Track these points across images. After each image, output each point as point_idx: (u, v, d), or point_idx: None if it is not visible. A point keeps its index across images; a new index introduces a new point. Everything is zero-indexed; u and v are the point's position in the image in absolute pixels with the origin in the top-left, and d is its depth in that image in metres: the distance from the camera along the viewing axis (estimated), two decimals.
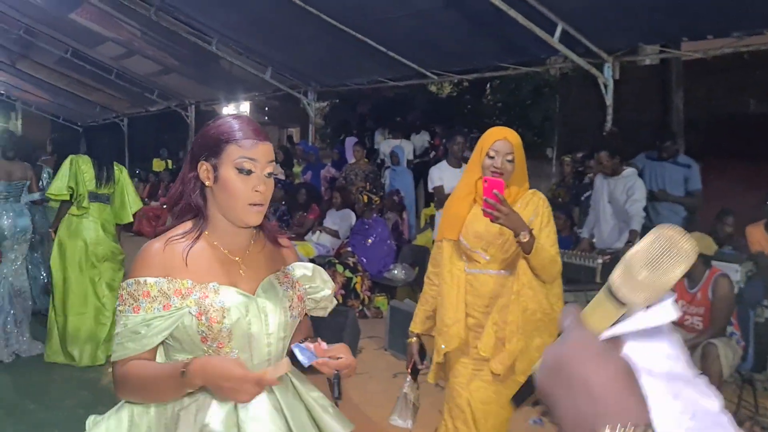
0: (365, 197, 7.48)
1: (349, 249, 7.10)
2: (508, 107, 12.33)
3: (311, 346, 1.65)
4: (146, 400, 1.59)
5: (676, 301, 2.39)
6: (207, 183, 1.60)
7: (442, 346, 2.66)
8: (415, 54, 7.72)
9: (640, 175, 5.59)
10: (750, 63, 8.83)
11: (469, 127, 10.73)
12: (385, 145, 11.02)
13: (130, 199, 5.29)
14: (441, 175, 6.03)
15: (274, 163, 1.63)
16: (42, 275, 6.44)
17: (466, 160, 6.25)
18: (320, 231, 8.07)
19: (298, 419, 1.64)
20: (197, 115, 13.96)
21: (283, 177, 9.84)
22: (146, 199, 13.38)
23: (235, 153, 1.56)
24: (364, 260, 7.00)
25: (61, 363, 5.09)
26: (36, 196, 5.97)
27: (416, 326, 2.88)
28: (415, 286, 7.06)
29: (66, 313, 5.08)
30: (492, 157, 2.55)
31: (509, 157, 2.55)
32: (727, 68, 8.93)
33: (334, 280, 6.85)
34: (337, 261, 6.83)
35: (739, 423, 4.16)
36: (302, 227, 8.53)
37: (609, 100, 6.18)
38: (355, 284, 6.70)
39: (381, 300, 7.02)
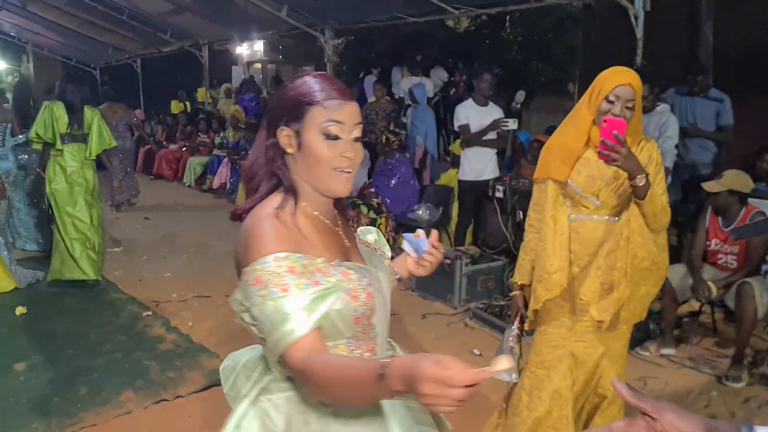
0: (384, 137, 7.39)
1: (373, 190, 7.06)
2: (528, 41, 12.01)
3: (420, 233, 1.67)
4: (328, 399, 1.36)
5: (710, 239, 2.48)
6: (289, 150, 1.46)
7: (542, 295, 2.56)
8: None
9: (672, 110, 5.47)
10: None
11: (488, 63, 10.52)
12: (405, 82, 10.84)
13: (93, 141, 5.83)
14: (467, 113, 5.94)
15: (360, 125, 1.49)
16: (33, 214, 6.82)
17: (492, 98, 6.15)
18: None
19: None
20: (211, 55, 13.75)
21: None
22: (164, 142, 13.34)
23: (319, 116, 1.42)
24: (388, 201, 6.97)
25: (66, 280, 5.73)
26: (21, 138, 6.44)
27: (522, 277, 2.76)
28: (439, 226, 7.05)
29: (67, 235, 5.70)
30: (611, 102, 2.39)
31: (630, 104, 2.39)
32: None
33: (358, 221, 6.87)
34: (361, 202, 6.81)
35: None
36: None
37: (639, 32, 5.98)
38: (379, 225, 6.68)
39: None
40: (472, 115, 5.90)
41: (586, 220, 2.53)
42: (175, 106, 15.43)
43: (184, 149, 12.55)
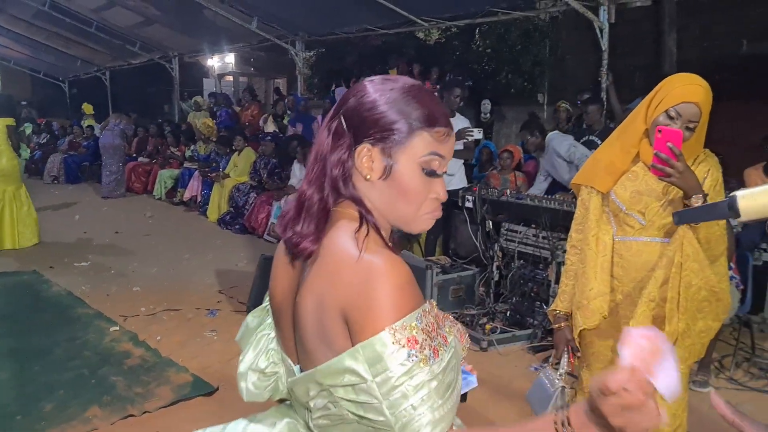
0: None
1: None
2: (497, 53, 12.12)
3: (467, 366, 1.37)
4: None
5: None
6: (368, 176, 1.14)
7: (580, 323, 2.31)
8: (404, 0, 7.56)
9: None
10: (744, 2, 8.72)
11: (459, 74, 10.61)
12: None
13: None
14: None
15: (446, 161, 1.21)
16: None
17: (461, 111, 6.22)
18: (287, 195, 8.09)
19: None
20: (182, 67, 13.70)
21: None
22: (134, 155, 13.21)
23: (425, 146, 1.14)
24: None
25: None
26: None
27: (564, 304, 2.45)
28: (411, 238, 7.06)
29: None
30: (672, 118, 2.09)
31: (692, 125, 2.10)
32: (720, 8, 8.81)
33: None
34: None
35: (737, 364, 4.25)
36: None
37: (605, 44, 6.11)
38: None
39: None
40: None
41: (631, 241, 2.27)
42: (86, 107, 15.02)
43: (154, 162, 12.44)
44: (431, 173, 1.15)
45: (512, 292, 5.20)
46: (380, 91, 1.15)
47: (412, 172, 1.14)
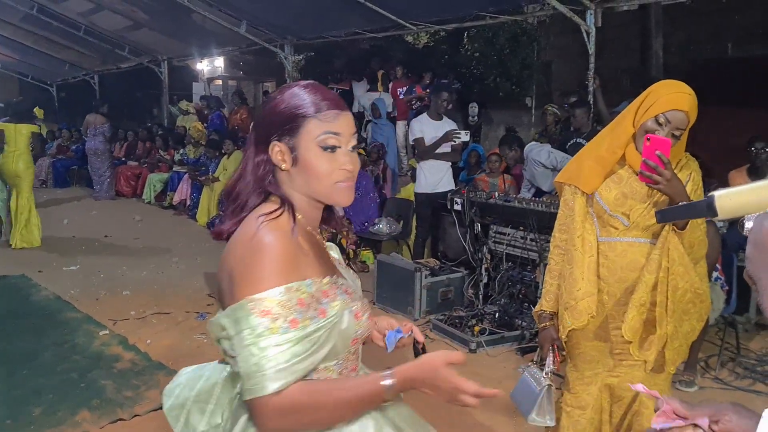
0: None
1: None
2: (485, 56, 12.21)
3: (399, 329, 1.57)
4: (317, 428, 1.34)
5: None
6: (283, 166, 1.38)
7: (568, 323, 2.32)
8: (393, 4, 7.60)
9: None
10: (728, 6, 8.82)
11: (447, 78, 10.66)
12: (365, 98, 10.92)
13: None
14: (422, 127, 6.07)
15: (356, 134, 1.44)
16: None
17: (449, 114, 6.27)
18: None
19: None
20: (171, 70, 13.67)
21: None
22: (123, 158, 13.17)
23: (316, 129, 1.35)
24: (351, 213, 7.01)
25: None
26: None
27: (549, 304, 2.46)
28: (400, 240, 7.10)
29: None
30: (660, 124, 2.12)
31: (678, 133, 2.13)
32: (706, 12, 8.91)
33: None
34: None
35: (722, 364, 4.31)
36: None
37: (591, 48, 6.16)
38: (340, 239, 6.71)
39: (366, 254, 7.06)
40: (427, 129, 6.02)
41: (615, 242, 2.29)
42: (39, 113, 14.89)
43: (143, 165, 12.42)
44: (331, 148, 1.37)
45: (501, 293, 5.23)
46: (277, 98, 1.41)
47: (313, 152, 1.36)
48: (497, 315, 5.04)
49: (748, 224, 0.99)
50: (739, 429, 1.04)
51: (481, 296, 5.38)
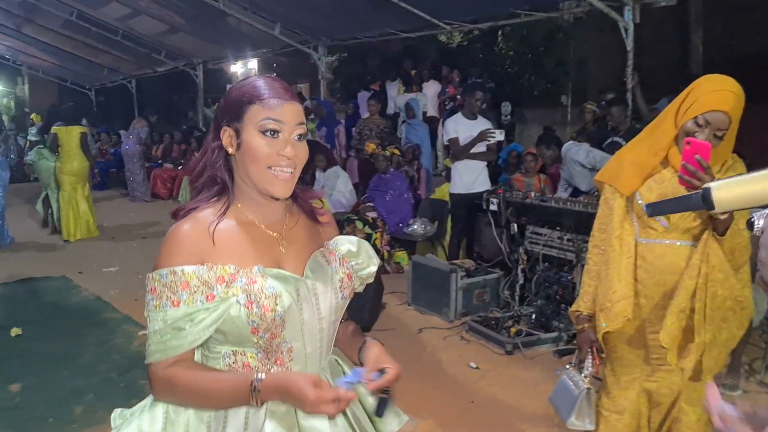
0: (380, 153, 7.48)
1: (370, 204, 7.07)
2: (520, 55, 12.13)
3: (360, 371, 1.47)
4: (192, 406, 1.44)
5: None
6: (230, 150, 1.45)
7: (603, 325, 2.28)
8: (426, 4, 7.56)
9: None
10: None
11: (481, 77, 10.59)
12: (400, 98, 10.89)
13: None
14: (456, 127, 6.00)
15: (304, 125, 1.47)
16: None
17: (483, 113, 6.21)
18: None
19: (355, 412, 1.53)
20: (206, 74, 13.82)
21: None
22: (160, 161, 13.36)
23: (258, 114, 1.41)
24: (385, 214, 7.01)
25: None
26: None
27: (586, 305, 2.41)
28: (434, 241, 7.06)
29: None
30: (700, 126, 2.07)
31: (720, 134, 2.07)
32: (746, 6, 8.70)
33: (353, 235, 6.94)
34: (356, 217, 6.82)
35: (767, 368, 4.18)
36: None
37: (630, 44, 6.04)
38: (375, 240, 6.70)
39: (401, 255, 7.03)
40: (461, 128, 5.96)
41: (654, 244, 2.24)
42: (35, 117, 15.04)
43: (179, 168, 12.57)
44: (270, 132, 1.41)
45: (537, 294, 5.16)
46: (233, 88, 1.50)
47: (253, 136, 1.41)
48: (534, 316, 4.98)
49: (758, 222, 0.93)
50: None
51: (517, 297, 5.32)
